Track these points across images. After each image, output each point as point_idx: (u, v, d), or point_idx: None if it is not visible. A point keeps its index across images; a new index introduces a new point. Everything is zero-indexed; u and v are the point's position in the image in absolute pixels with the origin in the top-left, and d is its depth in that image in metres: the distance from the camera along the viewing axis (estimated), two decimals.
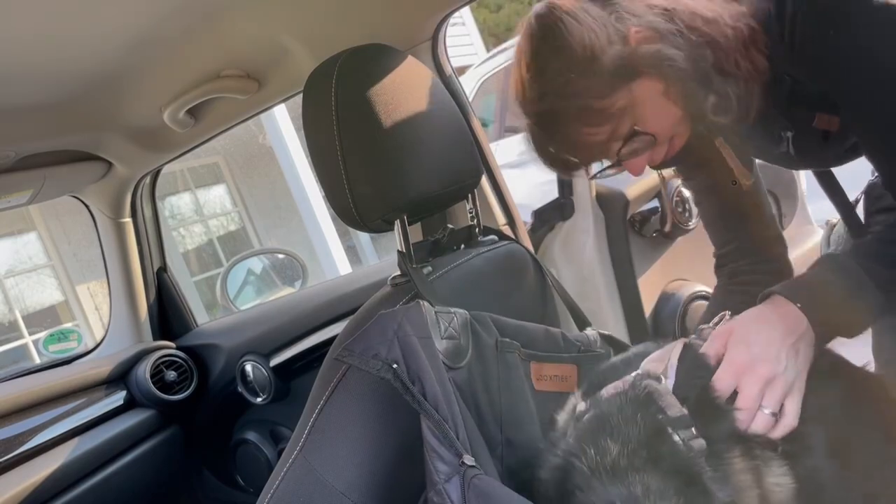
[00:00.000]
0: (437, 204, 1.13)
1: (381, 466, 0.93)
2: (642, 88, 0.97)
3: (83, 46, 1.29)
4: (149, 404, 2.04)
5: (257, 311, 2.29)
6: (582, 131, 1.00)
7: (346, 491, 0.91)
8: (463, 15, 10.53)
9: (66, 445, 1.83)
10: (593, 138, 1.00)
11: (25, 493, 1.68)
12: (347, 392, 0.96)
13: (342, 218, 1.05)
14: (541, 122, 1.04)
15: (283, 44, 1.43)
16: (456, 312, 0.99)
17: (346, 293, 2.09)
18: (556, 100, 0.98)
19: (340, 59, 1.02)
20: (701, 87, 0.96)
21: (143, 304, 2.26)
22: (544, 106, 1.00)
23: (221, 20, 1.31)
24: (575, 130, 1.00)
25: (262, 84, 1.60)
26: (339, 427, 0.95)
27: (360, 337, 0.94)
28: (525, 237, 1.64)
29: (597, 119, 0.98)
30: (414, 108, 1.05)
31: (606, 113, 0.97)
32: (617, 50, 0.94)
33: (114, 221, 2.17)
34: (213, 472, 2.28)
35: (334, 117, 0.99)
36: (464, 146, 1.15)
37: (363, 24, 1.39)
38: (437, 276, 1.08)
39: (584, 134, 1.00)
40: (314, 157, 1.06)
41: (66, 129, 1.68)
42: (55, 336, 2.52)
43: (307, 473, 0.94)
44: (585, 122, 0.98)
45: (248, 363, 2.02)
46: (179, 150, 1.93)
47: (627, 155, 1.03)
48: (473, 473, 0.80)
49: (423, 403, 0.86)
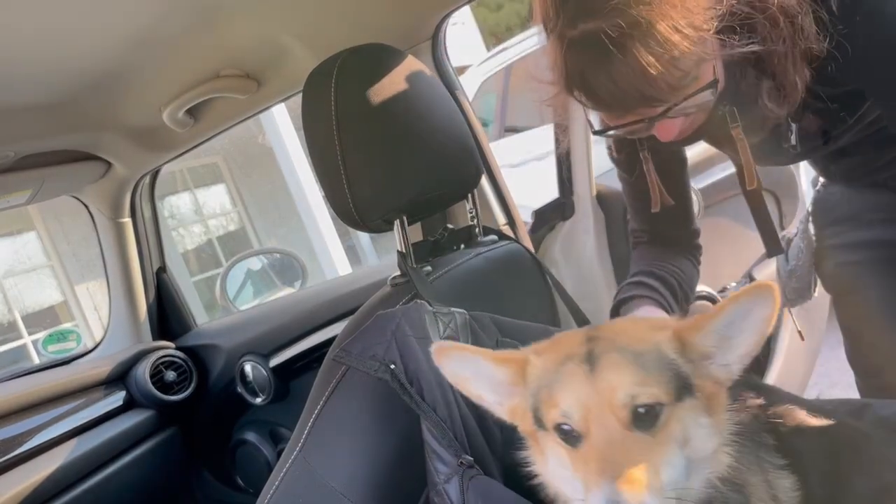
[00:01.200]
0: (437, 204, 1.13)
1: (380, 467, 0.93)
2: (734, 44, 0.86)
3: (82, 46, 1.28)
4: (148, 405, 2.04)
5: (257, 312, 2.29)
6: (665, 59, 0.81)
7: (345, 491, 0.91)
8: (463, 15, 10.54)
9: (66, 445, 1.83)
10: (673, 72, 0.83)
11: (25, 492, 1.68)
12: (346, 393, 0.96)
13: (342, 218, 1.05)
14: (597, 44, 0.82)
15: (283, 43, 1.42)
16: (455, 312, 0.99)
17: (345, 293, 2.09)
18: (634, 14, 0.80)
19: (340, 59, 1.02)
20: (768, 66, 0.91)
21: (143, 304, 2.26)
22: (610, 20, 0.80)
23: (221, 20, 1.31)
24: (647, 60, 0.81)
25: (261, 84, 1.60)
26: (339, 427, 0.95)
27: (358, 337, 0.94)
28: (525, 237, 1.64)
29: (693, 48, 0.81)
30: (414, 107, 1.05)
31: (702, 46, 0.82)
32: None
33: (113, 221, 2.17)
34: (212, 473, 2.27)
35: (334, 117, 0.99)
36: (464, 146, 1.15)
37: (363, 24, 1.39)
38: (437, 277, 1.07)
39: (668, 63, 0.81)
40: (314, 157, 1.06)
41: (66, 129, 1.68)
42: (54, 336, 2.52)
43: (306, 474, 0.93)
44: (678, 47, 0.80)
45: (247, 363, 2.01)
46: (179, 149, 1.93)
47: (680, 111, 0.90)
48: (472, 474, 0.80)
49: (420, 404, 0.85)
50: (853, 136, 1.15)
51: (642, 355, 0.72)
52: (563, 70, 0.88)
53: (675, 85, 0.86)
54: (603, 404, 0.69)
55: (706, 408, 0.73)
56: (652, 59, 0.81)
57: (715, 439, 0.73)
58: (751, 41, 0.88)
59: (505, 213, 1.61)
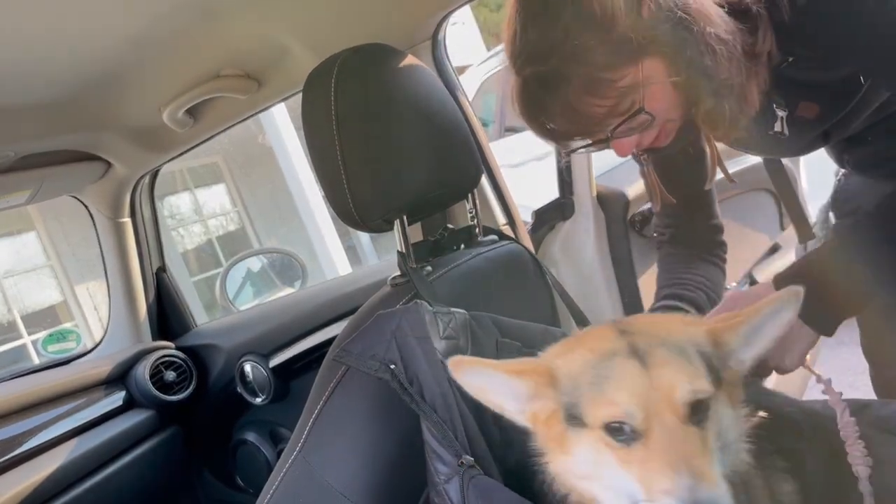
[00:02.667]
0: (437, 204, 1.13)
1: (380, 467, 0.93)
2: (651, 67, 0.95)
3: (82, 46, 1.28)
4: (148, 404, 2.04)
5: (257, 312, 2.29)
6: (585, 100, 0.96)
7: (345, 491, 0.91)
8: (463, 15, 10.53)
9: (66, 445, 1.83)
10: (595, 110, 0.97)
11: (25, 492, 1.68)
12: (346, 393, 0.96)
13: (342, 218, 1.05)
14: (541, 83, 0.98)
15: (283, 43, 1.42)
16: (455, 313, 0.99)
17: (346, 293, 2.08)
18: (563, 62, 0.94)
19: (340, 59, 1.02)
20: (703, 78, 0.96)
21: (143, 304, 2.26)
22: (549, 66, 0.96)
23: (221, 20, 1.31)
24: (577, 98, 0.96)
25: (261, 83, 1.60)
26: (339, 427, 0.95)
27: (358, 337, 0.94)
28: (525, 237, 1.64)
29: (604, 90, 0.95)
30: (414, 107, 1.05)
31: (615, 86, 0.94)
32: (633, 21, 0.92)
33: (113, 221, 2.17)
34: (212, 473, 2.27)
35: (334, 117, 0.99)
36: (464, 146, 1.15)
37: (363, 24, 1.39)
38: (437, 277, 1.07)
39: (587, 103, 0.96)
40: (314, 157, 1.06)
41: (65, 129, 1.68)
42: (54, 336, 2.52)
43: (307, 474, 0.93)
44: (592, 92, 0.95)
45: (247, 363, 2.01)
46: (179, 149, 1.93)
47: (622, 133, 1.02)
48: (473, 474, 0.80)
49: (420, 404, 0.85)
50: (863, 122, 1.15)
51: (685, 349, 0.72)
52: (519, 102, 1.03)
53: (599, 118, 0.98)
54: (661, 400, 0.68)
55: (729, 398, 0.75)
56: (576, 97, 0.96)
57: (738, 429, 0.75)
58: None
59: (505, 213, 1.61)
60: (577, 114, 0.98)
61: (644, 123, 1.00)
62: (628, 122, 0.99)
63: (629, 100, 0.97)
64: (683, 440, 0.67)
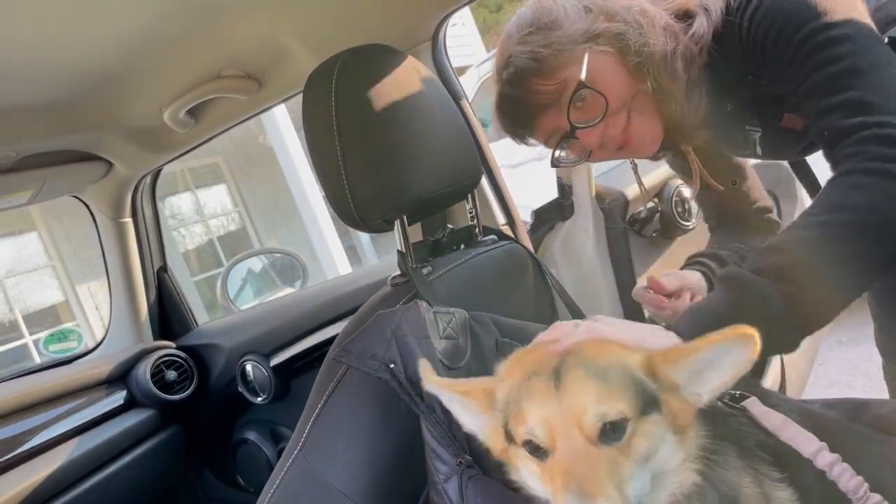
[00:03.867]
0: (437, 204, 1.13)
1: (380, 466, 0.93)
2: (593, 53, 1.04)
3: (83, 46, 1.29)
4: (149, 404, 2.04)
5: (257, 311, 2.30)
6: (535, 83, 1.08)
7: (345, 490, 0.91)
8: (463, 15, 10.53)
9: (67, 445, 1.83)
10: (546, 88, 1.07)
11: (25, 492, 1.68)
12: (347, 392, 0.96)
13: (342, 218, 1.06)
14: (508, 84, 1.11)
15: (283, 44, 1.43)
16: (455, 312, 0.99)
17: (346, 293, 2.09)
18: (517, 59, 1.08)
19: (340, 59, 1.02)
20: (648, 63, 1.04)
21: (144, 303, 2.26)
22: (510, 68, 1.09)
23: (221, 20, 1.31)
24: (529, 84, 1.08)
25: (262, 84, 1.60)
26: (339, 427, 0.95)
27: (358, 337, 0.95)
28: (525, 237, 1.64)
29: (547, 69, 1.06)
30: (414, 108, 1.05)
31: (556, 64, 1.05)
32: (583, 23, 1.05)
33: (114, 221, 2.17)
34: (213, 472, 2.28)
35: (334, 117, 0.99)
36: (464, 146, 1.16)
37: (363, 24, 1.39)
38: (437, 276, 1.08)
39: (538, 85, 1.07)
40: (314, 157, 1.06)
41: (67, 129, 1.68)
42: (55, 336, 2.53)
43: (307, 473, 0.94)
44: (537, 74, 1.07)
45: (248, 363, 2.02)
46: (180, 150, 1.93)
47: (579, 117, 1.07)
48: (471, 473, 0.81)
49: (420, 404, 0.86)
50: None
51: (608, 371, 0.72)
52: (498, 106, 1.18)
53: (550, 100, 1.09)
54: (568, 419, 0.69)
55: (672, 424, 0.73)
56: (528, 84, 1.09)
57: (679, 455, 0.73)
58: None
59: (505, 213, 1.62)
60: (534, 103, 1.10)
61: (599, 106, 1.06)
62: (578, 99, 1.06)
63: (575, 77, 1.05)
64: (586, 458, 0.67)
